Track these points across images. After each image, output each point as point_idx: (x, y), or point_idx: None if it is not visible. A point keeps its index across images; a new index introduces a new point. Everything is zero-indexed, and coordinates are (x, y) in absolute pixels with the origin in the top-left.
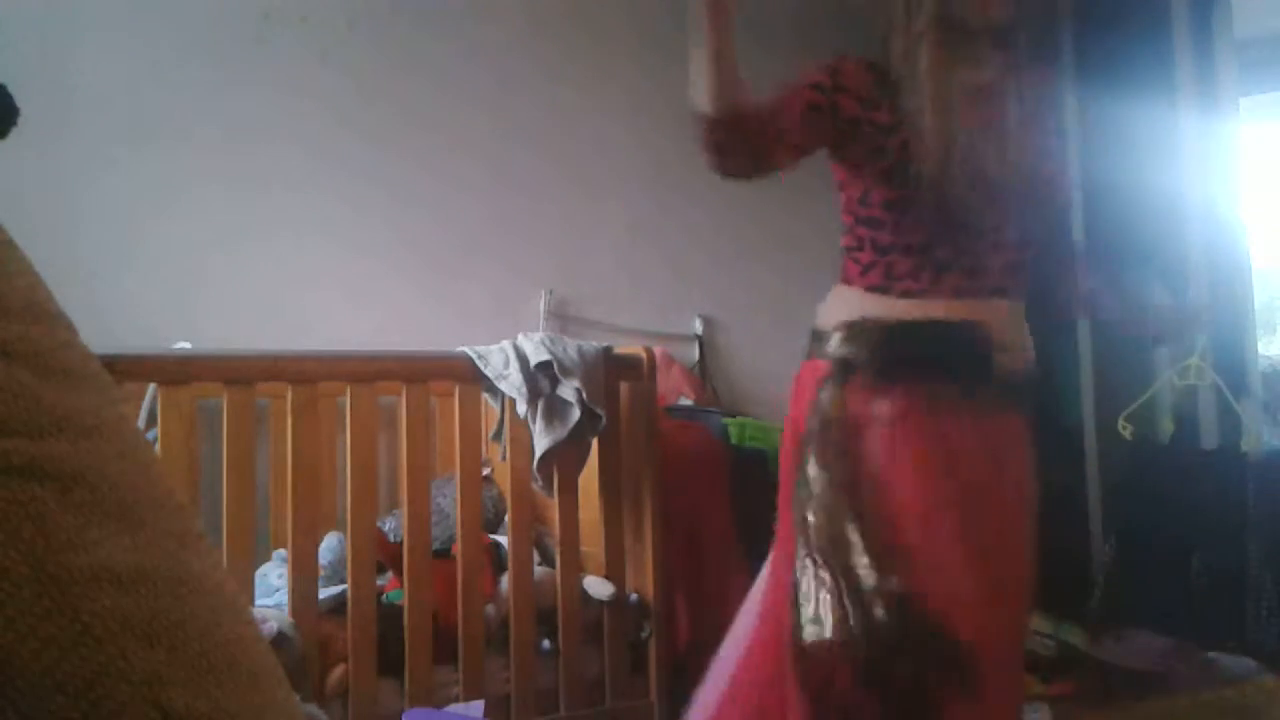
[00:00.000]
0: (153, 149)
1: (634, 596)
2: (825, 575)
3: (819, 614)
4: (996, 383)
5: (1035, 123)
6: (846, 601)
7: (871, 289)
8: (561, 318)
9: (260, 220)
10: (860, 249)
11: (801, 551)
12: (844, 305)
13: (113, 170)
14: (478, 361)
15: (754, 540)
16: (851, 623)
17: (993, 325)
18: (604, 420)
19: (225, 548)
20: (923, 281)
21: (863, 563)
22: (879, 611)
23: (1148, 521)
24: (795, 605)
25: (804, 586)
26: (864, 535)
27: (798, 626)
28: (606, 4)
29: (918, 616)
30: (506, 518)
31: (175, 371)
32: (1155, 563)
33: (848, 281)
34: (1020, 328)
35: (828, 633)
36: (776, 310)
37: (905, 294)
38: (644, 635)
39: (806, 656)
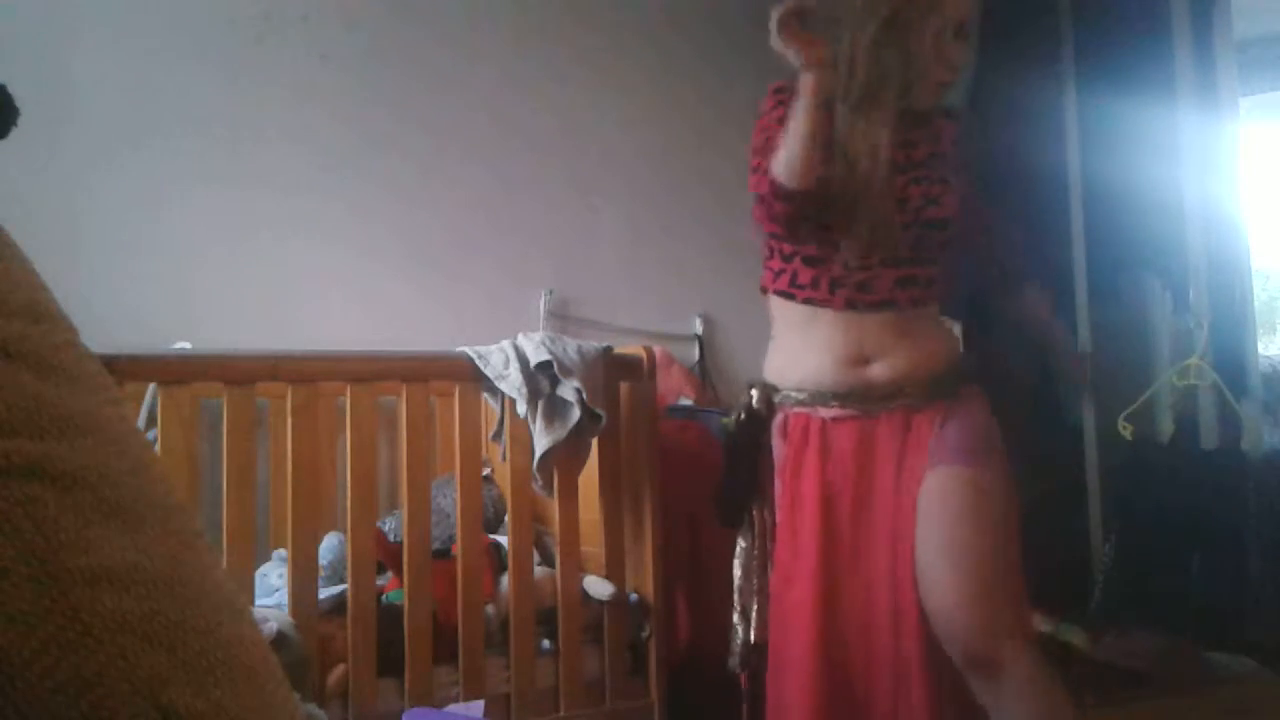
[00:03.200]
0: (153, 149)
1: (634, 596)
2: None
3: None
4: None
5: (935, 174)
6: None
7: (780, 294)
8: (561, 318)
9: (260, 220)
10: (771, 257)
11: None
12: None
13: (112, 170)
14: (478, 361)
15: None
16: None
17: (866, 340)
18: (604, 420)
19: (225, 548)
20: (820, 291)
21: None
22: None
23: (1148, 521)
24: None
25: None
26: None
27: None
28: (606, 4)
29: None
30: (506, 518)
31: (175, 371)
32: (1155, 563)
33: (764, 288)
34: (907, 334)
35: None
36: None
37: (807, 301)
38: (644, 635)
39: None
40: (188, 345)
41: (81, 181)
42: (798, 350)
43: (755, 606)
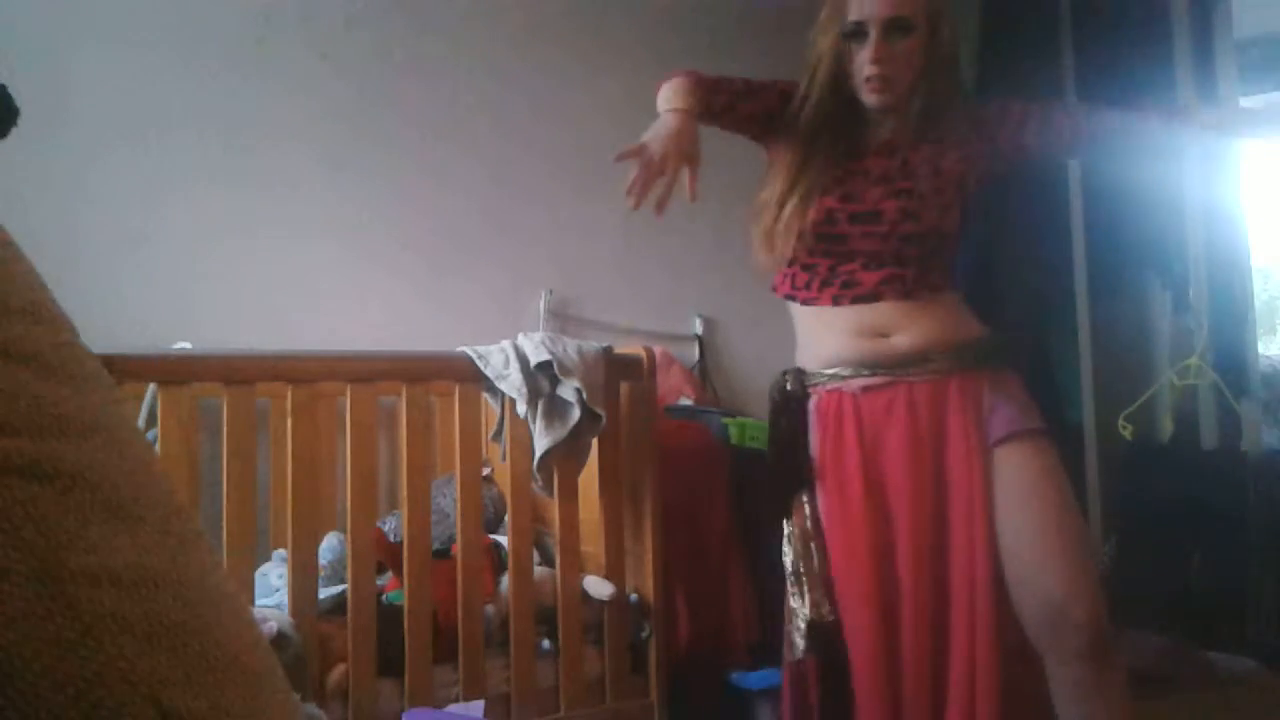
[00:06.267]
0: (153, 149)
1: (634, 596)
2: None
3: None
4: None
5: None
6: None
7: (787, 297)
8: (561, 318)
9: (260, 220)
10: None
11: None
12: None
13: (113, 170)
14: (478, 361)
15: (754, 540)
16: None
17: (876, 320)
18: (604, 420)
19: (225, 548)
20: (812, 290)
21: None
22: None
23: (1148, 521)
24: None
25: None
26: None
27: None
28: (606, 3)
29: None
30: (506, 518)
31: (175, 371)
32: (1155, 563)
33: (774, 288)
34: (918, 314)
35: None
36: (776, 310)
37: (806, 301)
38: (644, 635)
39: None
40: (188, 345)
41: (81, 181)
42: (817, 335)
43: (808, 588)
